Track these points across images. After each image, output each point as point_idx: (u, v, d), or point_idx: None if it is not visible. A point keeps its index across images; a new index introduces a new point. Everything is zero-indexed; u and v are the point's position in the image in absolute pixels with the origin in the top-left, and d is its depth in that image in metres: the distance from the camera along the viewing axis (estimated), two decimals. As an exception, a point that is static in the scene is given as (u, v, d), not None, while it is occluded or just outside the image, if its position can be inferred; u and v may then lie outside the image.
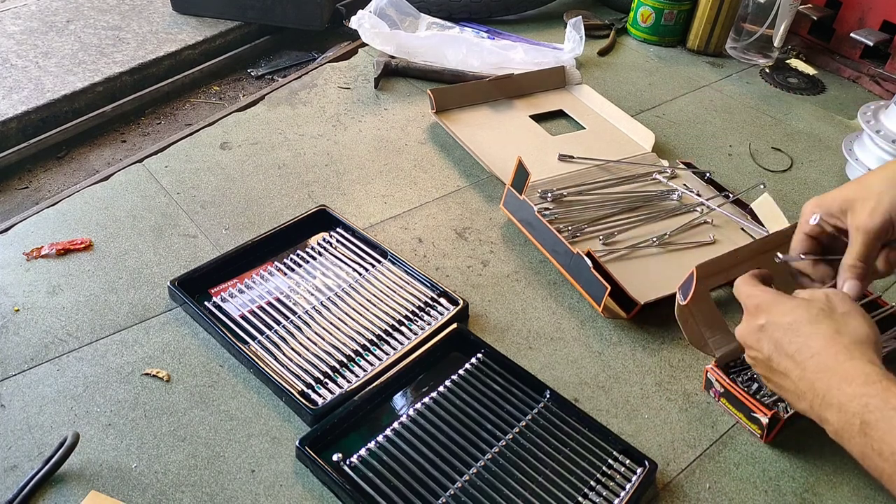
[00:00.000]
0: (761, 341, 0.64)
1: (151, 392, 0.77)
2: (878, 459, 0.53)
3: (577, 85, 1.37)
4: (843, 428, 0.56)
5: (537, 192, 1.06)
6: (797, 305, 0.62)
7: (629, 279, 0.93)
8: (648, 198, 1.09)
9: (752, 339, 0.65)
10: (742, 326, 0.66)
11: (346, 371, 0.80)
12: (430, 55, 1.40)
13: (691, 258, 0.99)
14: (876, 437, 0.53)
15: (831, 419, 0.57)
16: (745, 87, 1.49)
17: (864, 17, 1.51)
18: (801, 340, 0.60)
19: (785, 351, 0.61)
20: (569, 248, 0.92)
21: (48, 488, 0.67)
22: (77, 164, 1.39)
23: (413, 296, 0.90)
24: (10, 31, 1.66)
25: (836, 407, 0.56)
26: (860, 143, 1.21)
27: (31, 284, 0.88)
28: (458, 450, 0.73)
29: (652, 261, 0.99)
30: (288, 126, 1.23)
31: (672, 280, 0.92)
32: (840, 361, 0.57)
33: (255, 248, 0.95)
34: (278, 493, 0.69)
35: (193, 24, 1.76)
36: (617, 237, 1.01)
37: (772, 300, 0.64)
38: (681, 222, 1.05)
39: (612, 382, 0.84)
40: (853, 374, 0.56)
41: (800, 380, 0.60)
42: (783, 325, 0.62)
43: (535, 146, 1.21)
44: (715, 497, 0.73)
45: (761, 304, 0.64)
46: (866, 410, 0.54)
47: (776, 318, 0.63)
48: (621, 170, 1.15)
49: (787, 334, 0.61)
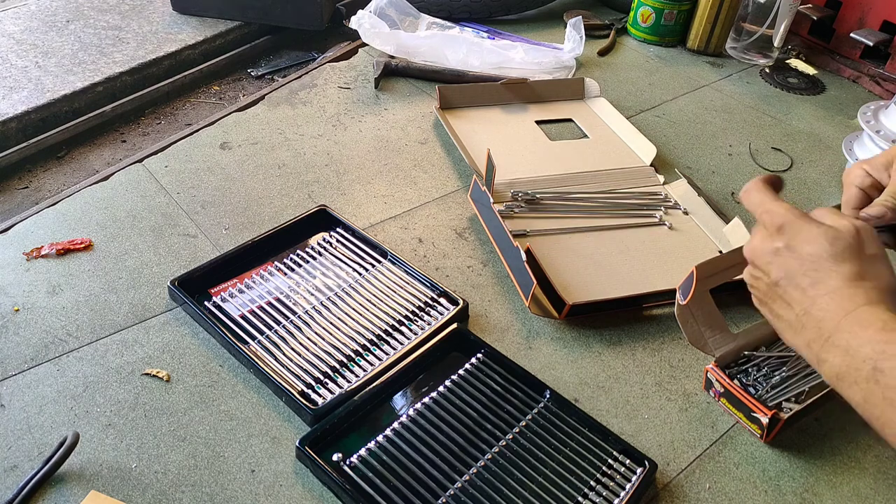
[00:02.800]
0: (772, 265, 0.59)
1: (151, 392, 0.77)
2: (889, 408, 0.51)
3: (594, 97, 1.36)
4: (847, 372, 0.53)
5: (510, 192, 1.08)
6: (822, 234, 0.57)
7: (576, 280, 0.94)
8: (627, 208, 1.09)
9: (763, 261, 0.60)
10: (755, 243, 0.61)
11: (346, 371, 0.80)
12: (430, 55, 1.40)
13: (653, 262, 0.99)
14: (890, 384, 0.50)
15: (834, 361, 0.54)
16: (745, 87, 1.49)
17: (864, 17, 1.51)
18: (818, 275, 0.56)
19: (797, 282, 0.57)
20: (511, 240, 0.92)
21: (48, 488, 0.67)
22: (77, 164, 1.39)
23: (413, 296, 0.90)
24: (10, 31, 1.66)
25: (843, 349, 0.53)
26: (860, 143, 1.20)
27: (31, 284, 0.88)
28: (458, 450, 0.73)
29: (609, 264, 0.98)
30: (288, 126, 1.23)
31: (625, 284, 0.94)
32: (858, 304, 0.54)
33: (255, 248, 0.95)
34: (278, 493, 0.69)
35: (193, 24, 1.77)
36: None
37: (796, 223, 0.58)
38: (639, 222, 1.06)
39: (612, 382, 0.84)
40: (871, 319, 0.53)
41: (804, 314, 0.56)
42: (803, 255, 0.57)
43: (529, 148, 1.21)
44: (715, 497, 0.73)
45: (784, 226, 0.59)
46: (882, 357, 0.51)
47: (797, 244, 0.58)
48: (611, 181, 1.14)
49: (804, 265, 0.57)
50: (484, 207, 1.02)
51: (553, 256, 0.98)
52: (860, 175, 0.68)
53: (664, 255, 1.01)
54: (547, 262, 0.94)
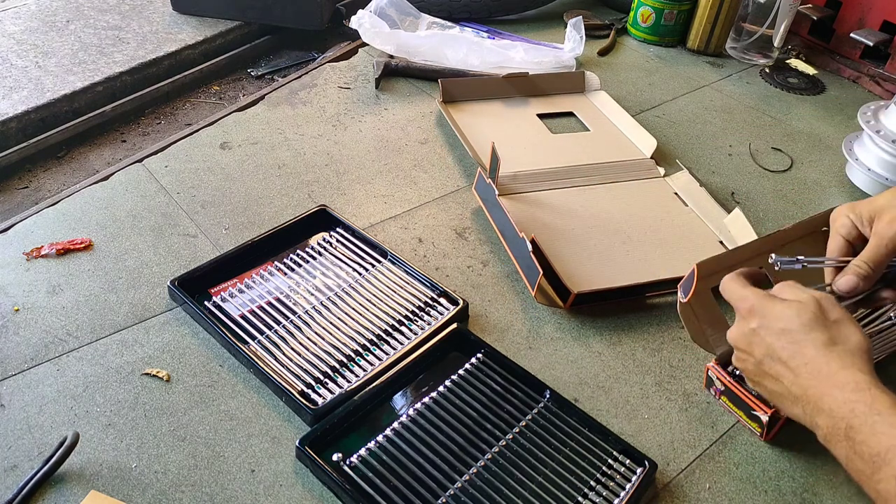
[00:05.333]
0: (753, 345, 0.64)
1: (151, 392, 0.77)
2: (859, 462, 0.55)
3: (595, 91, 1.37)
4: (832, 432, 0.58)
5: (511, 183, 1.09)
6: (788, 308, 0.63)
7: (580, 270, 0.95)
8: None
9: (744, 343, 0.65)
10: (733, 330, 0.67)
11: (346, 371, 0.80)
12: (430, 55, 1.40)
13: (653, 255, 1.00)
14: (858, 439, 0.55)
15: (822, 424, 0.59)
16: (745, 87, 1.49)
17: (864, 17, 1.51)
18: (794, 347, 0.61)
19: (778, 356, 0.62)
20: (517, 231, 0.92)
21: (48, 488, 0.67)
22: (77, 163, 1.39)
23: (413, 296, 0.90)
24: (10, 31, 1.66)
25: (827, 412, 0.58)
26: (860, 143, 1.20)
27: (31, 284, 0.88)
28: (458, 450, 0.73)
29: (612, 255, 0.99)
30: (288, 126, 1.23)
31: (627, 273, 0.96)
32: (833, 370, 0.59)
33: (255, 248, 0.95)
34: (278, 492, 0.69)
35: (193, 24, 1.77)
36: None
37: (763, 303, 0.64)
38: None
39: (612, 382, 0.84)
40: (844, 381, 0.57)
41: (793, 385, 0.61)
42: (775, 330, 0.63)
43: (531, 142, 1.21)
44: (715, 497, 0.73)
45: (754, 308, 0.65)
46: (852, 415, 0.56)
47: (769, 322, 0.63)
48: (612, 173, 1.15)
49: (779, 339, 0.62)
50: (489, 200, 1.02)
51: (557, 247, 0.99)
52: (846, 225, 0.73)
53: (666, 244, 1.02)
54: (551, 253, 0.95)
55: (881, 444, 0.54)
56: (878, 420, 0.54)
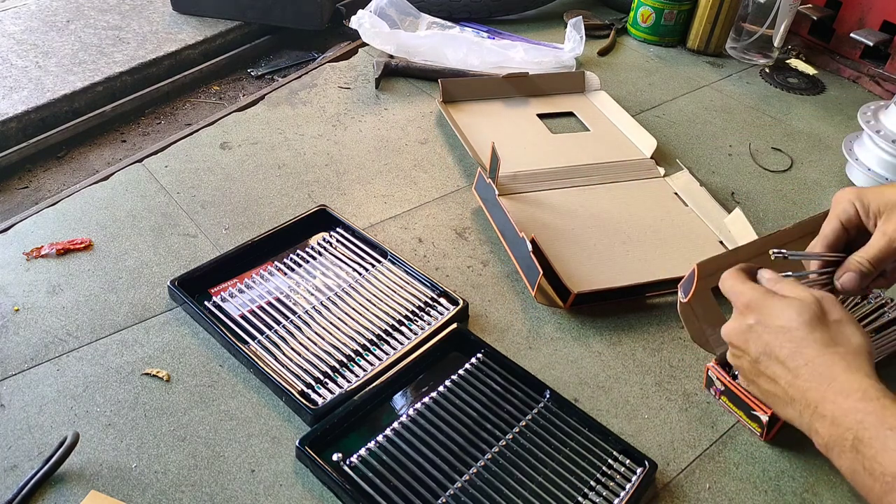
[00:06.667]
0: (749, 342, 0.61)
1: (151, 392, 0.77)
2: (868, 478, 0.52)
3: (595, 91, 1.37)
4: (835, 442, 0.54)
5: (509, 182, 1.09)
6: (788, 306, 0.60)
7: (580, 270, 0.95)
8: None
9: (740, 339, 0.63)
10: (729, 325, 0.64)
11: (346, 371, 0.80)
12: (430, 55, 1.40)
13: (653, 255, 1.00)
14: (868, 454, 0.52)
15: (822, 431, 0.56)
16: (745, 87, 1.49)
17: (864, 17, 1.51)
18: (793, 346, 0.58)
19: (775, 355, 0.59)
20: (517, 231, 0.92)
21: (48, 488, 0.67)
22: (77, 163, 1.39)
23: (413, 296, 0.90)
24: (10, 31, 1.66)
25: (829, 419, 0.55)
26: (860, 143, 1.21)
27: (31, 284, 0.88)
28: (458, 450, 0.73)
29: (612, 255, 0.99)
30: (288, 126, 1.23)
31: (627, 273, 0.96)
32: (836, 373, 0.55)
33: (255, 248, 0.95)
34: (278, 492, 0.69)
35: (193, 24, 1.77)
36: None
37: (761, 299, 0.61)
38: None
39: (612, 382, 0.84)
40: (850, 387, 0.54)
41: (790, 386, 0.58)
42: (774, 328, 0.60)
43: (531, 141, 1.22)
44: (715, 497, 0.73)
45: (751, 303, 0.62)
46: (861, 427, 0.52)
47: (766, 318, 0.60)
48: (612, 173, 1.15)
49: (778, 337, 0.59)
50: (489, 200, 1.02)
51: (557, 247, 0.99)
52: (847, 212, 0.68)
53: (666, 244, 1.02)
54: (551, 253, 0.95)
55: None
56: (890, 436, 0.51)
